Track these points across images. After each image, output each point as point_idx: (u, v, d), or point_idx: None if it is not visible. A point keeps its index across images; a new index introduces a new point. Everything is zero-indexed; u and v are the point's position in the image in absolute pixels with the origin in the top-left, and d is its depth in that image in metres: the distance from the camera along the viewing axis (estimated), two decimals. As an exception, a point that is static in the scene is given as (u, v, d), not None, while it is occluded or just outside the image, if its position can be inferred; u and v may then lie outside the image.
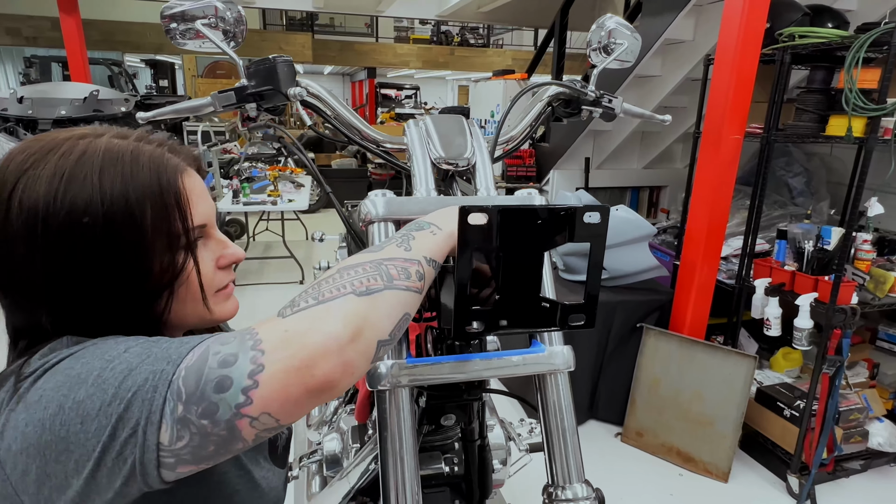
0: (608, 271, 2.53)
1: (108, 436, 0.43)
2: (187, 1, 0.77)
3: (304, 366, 0.42)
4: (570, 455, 0.66)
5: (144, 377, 0.44)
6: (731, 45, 2.08)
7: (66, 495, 0.45)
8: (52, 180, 0.50)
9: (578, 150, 3.91)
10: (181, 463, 0.44)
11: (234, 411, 0.42)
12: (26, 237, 0.50)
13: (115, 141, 0.54)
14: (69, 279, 0.51)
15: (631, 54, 0.96)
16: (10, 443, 0.46)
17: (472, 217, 0.46)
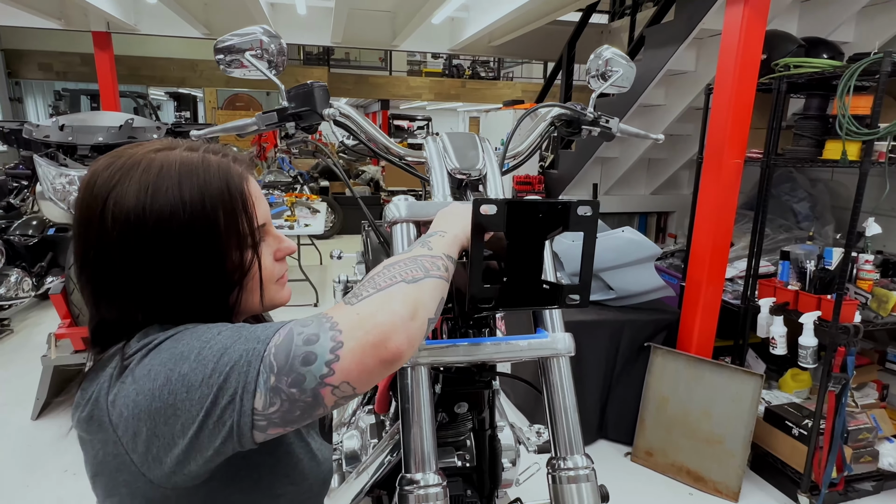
0: (615, 291, 2.60)
1: (210, 403, 0.51)
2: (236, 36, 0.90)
3: (378, 342, 0.50)
4: (571, 430, 0.74)
5: (239, 354, 0.52)
6: (729, 74, 2.20)
7: (172, 453, 0.53)
8: (138, 194, 0.58)
9: (586, 177, 4.02)
10: (272, 426, 0.52)
11: (318, 381, 0.50)
12: (121, 245, 0.58)
13: (186, 153, 0.62)
14: (160, 278, 0.59)
15: (626, 80, 1.07)
16: (122, 409, 0.54)
17: (483, 208, 0.56)
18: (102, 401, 0.56)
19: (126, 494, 0.58)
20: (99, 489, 0.61)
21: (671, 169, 3.97)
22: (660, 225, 4.49)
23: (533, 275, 0.60)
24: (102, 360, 0.60)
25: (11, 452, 2.52)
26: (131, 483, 0.57)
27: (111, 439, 0.56)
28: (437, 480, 0.67)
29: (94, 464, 0.60)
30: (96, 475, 0.60)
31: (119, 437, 0.55)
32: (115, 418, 0.55)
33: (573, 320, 2.51)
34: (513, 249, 0.59)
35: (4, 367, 3.37)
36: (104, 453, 0.58)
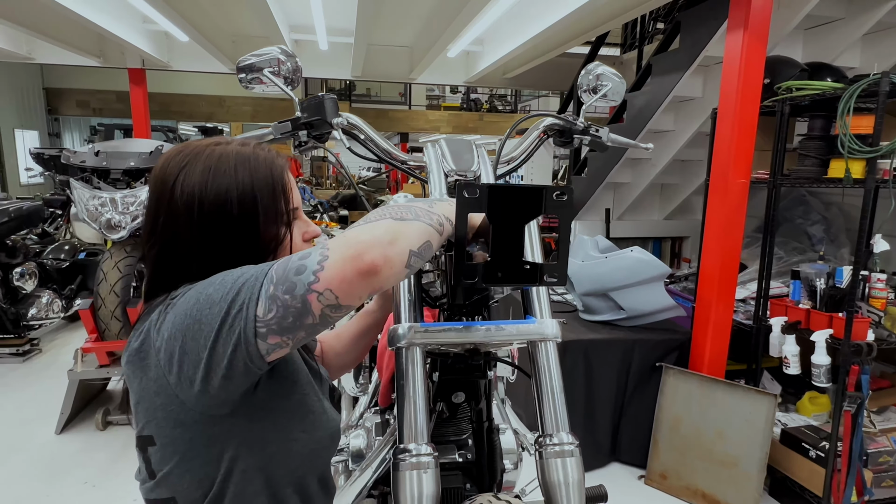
0: (625, 311, 2.62)
1: (224, 312, 0.61)
2: (255, 56, 1.00)
3: (356, 254, 0.59)
4: (558, 410, 0.78)
5: (251, 274, 0.63)
6: (732, 98, 2.26)
7: (198, 369, 0.62)
8: (203, 174, 0.71)
9: (599, 202, 4.07)
10: (270, 333, 0.60)
11: (306, 288, 0.59)
12: (186, 213, 0.70)
13: (239, 147, 0.75)
14: (213, 241, 0.71)
15: (617, 95, 1.14)
16: (164, 332, 0.65)
17: (466, 191, 0.62)
18: (152, 331, 0.67)
19: (162, 418, 0.67)
20: (140, 415, 0.70)
21: (683, 194, 4.01)
22: (674, 250, 4.49)
23: (515, 255, 0.66)
24: (152, 305, 0.71)
25: (35, 465, 2.60)
26: (167, 406, 0.66)
27: (153, 364, 0.66)
28: (429, 451, 0.72)
29: (139, 391, 0.69)
30: (138, 402, 0.69)
31: (160, 360, 0.65)
32: (159, 343, 0.65)
33: (584, 339, 2.53)
34: (496, 232, 0.65)
35: (32, 385, 3.49)
36: (146, 379, 0.67)
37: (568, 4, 3.01)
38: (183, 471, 0.70)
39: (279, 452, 0.73)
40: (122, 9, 3.97)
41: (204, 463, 0.70)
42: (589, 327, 2.67)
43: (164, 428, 0.68)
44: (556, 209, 0.64)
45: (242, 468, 0.71)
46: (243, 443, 0.70)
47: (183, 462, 0.69)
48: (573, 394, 2.53)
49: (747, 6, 2.15)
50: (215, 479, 0.70)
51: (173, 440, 0.69)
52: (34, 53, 4.83)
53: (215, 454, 0.69)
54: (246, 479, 0.71)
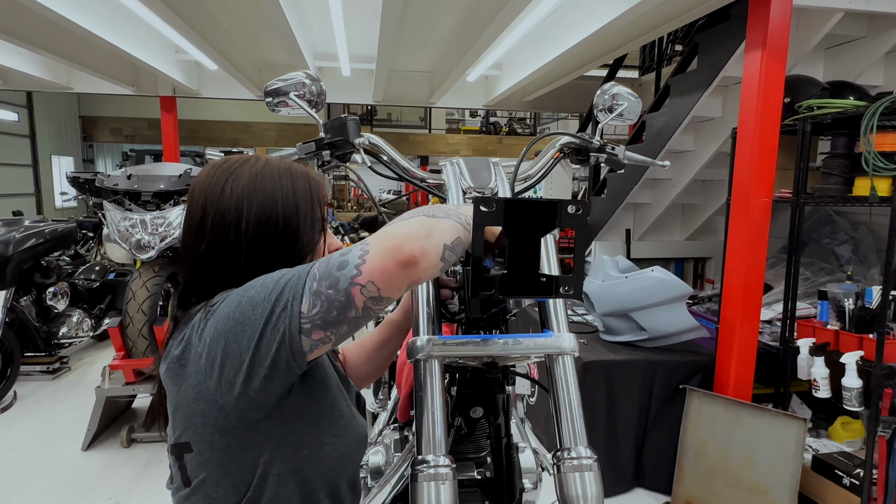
0: (647, 332, 2.58)
1: (268, 312, 0.63)
2: (282, 81, 1.05)
3: (395, 247, 0.61)
4: (576, 424, 0.78)
5: (293, 274, 0.65)
6: (752, 117, 2.26)
7: (240, 372, 0.64)
8: (251, 178, 0.77)
9: (619, 222, 4.06)
10: (315, 328, 0.63)
11: (349, 281, 0.61)
12: (235, 215, 0.75)
13: (280, 161, 0.82)
14: (258, 243, 0.75)
15: (633, 114, 1.15)
16: (206, 338, 0.67)
17: (483, 204, 0.64)
18: (194, 338, 0.69)
19: (200, 424, 0.69)
20: (178, 422, 0.72)
21: (705, 214, 3.97)
22: (697, 271, 4.43)
23: (531, 268, 0.67)
24: (189, 315, 0.74)
25: (62, 481, 2.65)
26: (206, 411, 0.68)
27: (193, 370, 0.68)
28: (447, 462, 0.72)
29: (177, 398, 0.71)
30: (177, 409, 0.71)
31: (201, 365, 0.67)
32: (200, 349, 0.68)
33: (605, 359, 2.50)
34: (512, 245, 0.67)
35: (60, 402, 3.57)
36: (186, 386, 0.69)
37: (585, 29, 3.06)
38: (220, 476, 0.71)
39: (311, 456, 0.74)
40: (155, 40, 4.17)
41: (240, 468, 0.71)
42: (610, 348, 2.64)
43: (202, 434, 0.70)
44: (571, 223, 0.66)
45: (277, 472, 0.72)
46: (277, 447, 0.72)
47: (220, 467, 0.71)
48: (594, 416, 2.49)
49: (765, 26, 2.17)
50: (251, 483, 0.72)
51: (211, 445, 0.70)
52: (73, 83, 5.07)
53: (251, 459, 0.71)
54: (280, 483, 0.73)
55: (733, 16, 2.66)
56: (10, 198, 9.77)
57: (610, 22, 2.71)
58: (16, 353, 3.53)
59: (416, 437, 0.74)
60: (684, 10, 2.74)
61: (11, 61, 4.34)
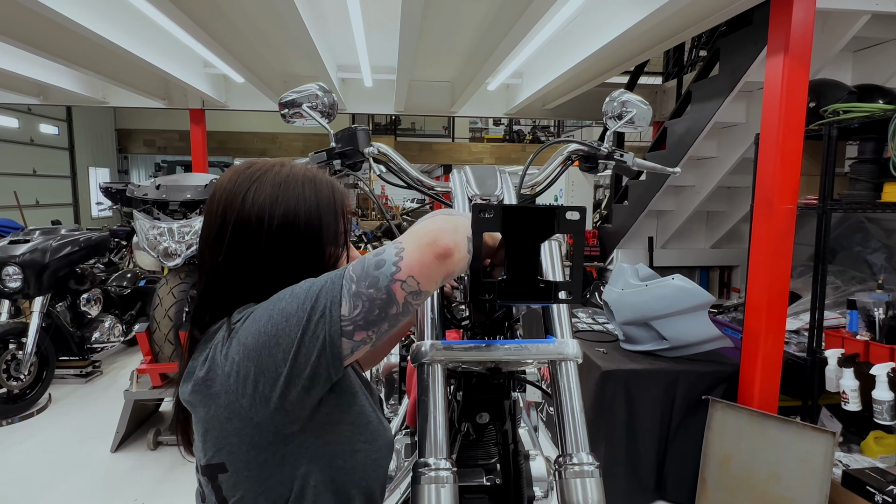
0: (668, 341, 2.54)
1: (305, 321, 0.63)
2: (296, 93, 1.08)
3: (431, 241, 0.64)
4: (578, 430, 0.77)
5: (324, 280, 0.66)
6: (775, 122, 2.21)
7: (276, 385, 0.63)
8: (274, 188, 0.74)
9: (641, 230, 4.01)
10: (357, 329, 0.63)
11: (389, 278, 0.63)
12: (256, 225, 0.73)
13: (304, 169, 0.80)
14: (279, 255, 0.73)
15: (642, 120, 1.15)
16: (234, 356, 0.66)
17: (482, 211, 0.66)
18: (218, 357, 0.68)
19: (235, 444, 0.69)
20: (210, 445, 0.70)
21: (731, 221, 3.89)
22: (723, 279, 4.34)
23: (530, 274, 0.68)
24: (209, 333, 0.73)
25: (91, 481, 2.73)
26: (240, 430, 0.68)
27: (222, 390, 0.67)
28: (448, 466, 0.73)
29: (206, 420, 0.69)
30: (207, 431, 0.70)
31: (231, 384, 0.66)
32: (228, 368, 0.66)
33: (625, 368, 2.46)
34: (511, 251, 0.68)
35: (91, 405, 3.69)
36: (216, 406, 0.68)
37: (604, 36, 3.05)
38: (257, 493, 0.71)
39: (345, 465, 0.74)
40: (185, 55, 4.31)
41: (277, 483, 0.71)
42: (630, 357, 2.60)
43: (238, 453, 0.69)
44: (569, 229, 0.66)
45: (314, 483, 0.72)
46: (313, 459, 0.72)
47: (257, 484, 0.70)
48: (614, 425, 2.45)
49: (787, 30, 2.13)
50: (288, 497, 0.71)
51: (247, 464, 0.69)
52: (108, 97, 5.28)
53: (288, 473, 0.71)
54: (317, 494, 0.72)
55: (755, 20, 2.63)
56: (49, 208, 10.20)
57: (629, 28, 2.70)
58: (51, 356, 3.67)
59: (419, 440, 0.75)
60: (705, 16, 2.72)
61: (51, 77, 4.55)
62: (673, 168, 1.16)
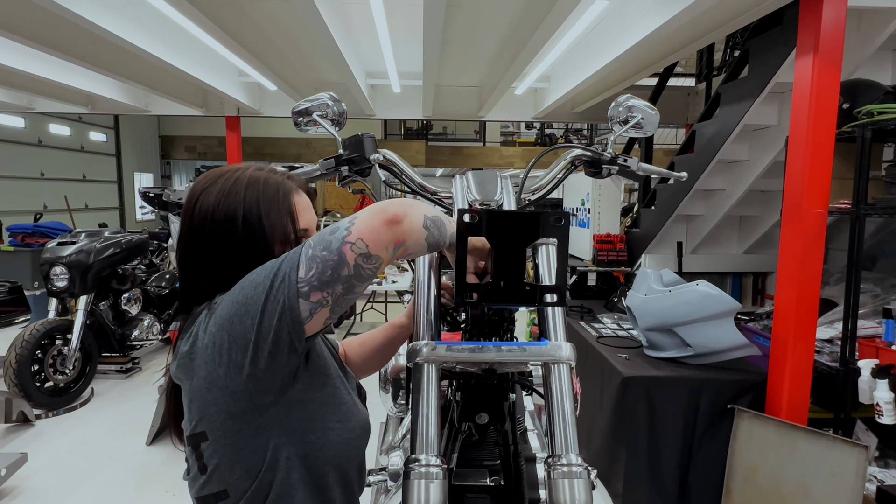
0: (692, 348, 2.49)
1: (268, 287, 0.69)
2: (308, 102, 1.13)
3: (381, 210, 0.70)
4: (568, 432, 0.78)
5: (290, 252, 0.71)
6: (804, 123, 2.15)
7: (247, 353, 0.69)
8: (218, 194, 0.81)
9: (670, 235, 3.93)
10: (312, 289, 0.68)
11: (341, 241, 0.68)
12: (200, 229, 0.80)
13: (256, 173, 0.85)
14: (225, 259, 0.79)
15: (650, 126, 1.15)
16: (211, 328, 0.72)
17: (466, 216, 0.68)
18: (200, 332, 0.74)
19: (214, 412, 0.74)
20: (193, 413, 0.76)
21: (764, 226, 3.77)
22: (757, 286, 4.20)
23: (515, 277, 0.70)
24: (193, 315, 0.79)
25: (127, 472, 2.87)
26: (218, 399, 0.73)
27: (203, 361, 0.72)
28: (438, 462, 0.75)
29: (191, 391, 0.75)
30: (192, 401, 0.76)
31: (209, 355, 0.72)
32: (207, 340, 0.72)
33: (646, 375, 2.43)
34: (497, 254, 0.70)
35: (130, 399, 3.86)
36: (197, 378, 0.74)
37: (630, 37, 3.02)
38: (233, 461, 0.76)
39: (317, 441, 0.79)
40: (221, 65, 4.48)
41: (251, 452, 0.76)
42: (652, 364, 2.56)
43: (216, 421, 0.75)
44: (553, 233, 0.68)
45: (286, 456, 0.77)
46: (285, 432, 0.76)
47: (233, 452, 0.75)
48: (635, 433, 2.42)
49: (816, 31, 2.07)
50: (262, 467, 0.76)
51: (224, 432, 0.75)
52: (150, 106, 5.53)
53: (262, 443, 0.76)
54: (290, 467, 0.77)
55: (785, 20, 2.56)
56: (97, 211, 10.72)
57: (656, 30, 2.67)
58: (94, 352, 3.87)
59: (411, 437, 0.78)
60: (733, 16, 2.66)
61: (98, 88, 4.80)
62: (679, 173, 1.15)
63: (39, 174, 9.80)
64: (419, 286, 0.88)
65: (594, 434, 2.79)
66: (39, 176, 9.80)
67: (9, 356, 3.31)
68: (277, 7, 3.24)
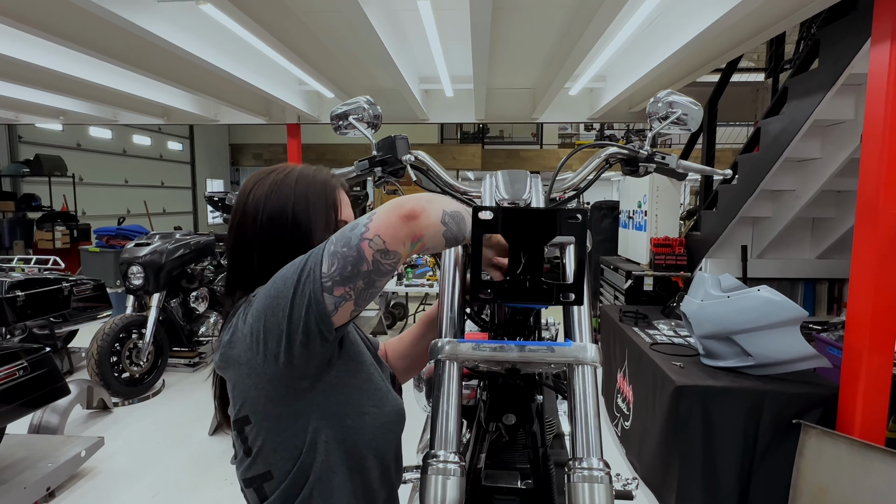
0: (753, 357, 2.34)
1: (296, 282, 0.73)
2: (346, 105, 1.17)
3: (398, 205, 0.72)
4: (591, 435, 0.76)
5: (316, 249, 0.75)
6: (880, 117, 1.99)
7: (281, 343, 0.73)
8: (270, 186, 0.87)
9: (733, 238, 3.73)
10: (335, 284, 0.71)
11: (359, 237, 0.71)
12: (253, 217, 0.85)
13: (306, 169, 0.91)
14: (272, 243, 0.85)
15: (694, 122, 1.10)
16: (249, 319, 0.77)
17: (481, 214, 0.68)
18: (239, 323, 0.79)
19: (254, 397, 0.79)
20: (237, 398, 0.81)
21: (840, 229, 3.49)
22: (832, 294, 3.90)
23: (532, 275, 0.69)
24: (237, 306, 0.84)
25: (190, 460, 3.05)
26: (258, 385, 0.77)
27: (243, 350, 0.77)
28: (456, 459, 0.75)
29: (234, 378, 0.80)
30: (235, 387, 0.81)
31: (248, 344, 0.76)
32: (246, 331, 0.77)
33: (701, 385, 2.31)
34: (513, 252, 0.69)
35: (196, 391, 4.11)
36: (238, 365, 0.78)
37: (688, 31, 2.90)
38: (276, 443, 0.80)
39: (354, 426, 0.82)
40: (282, 75, 4.70)
41: (292, 434, 0.80)
42: (709, 373, 2.44)
43: (257, 405, 0.79)
44: (571, 231, 0.67)
45: (325, 439, 0.80)
46: (323, 415, 0.80)
47: (275, 434, 0.80)
48: (689, 445, 2.31)
49: (894, 16, 1.91)
50: (302, 449, 0.80)
51: (266, 415, 0.79)
52: (219, 116, 5.88)
53: (301, 426, 0.80)
54: (329, 450, 0.81)
55: (860, 6, 2.37)
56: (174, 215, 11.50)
57: (715, 22, 2.56)
58: (165, 346, 4.14)
59: (431, 433, 0.79)
60: (801, 4, 2.50)
61: (173, 100, 5.16)
62: (724, 171, 1.09)
63: (124, 181, 10.63)
64: (444, 283, 0.88)
65: (646, 444, 2.68)
66: (124, 183, 10.63)
67: (91, 348, 3.61)
68: (333, 17, 3.37)
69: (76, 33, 3.13)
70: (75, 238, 8.03)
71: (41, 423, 2.98)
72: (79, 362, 4.46)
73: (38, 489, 2.49)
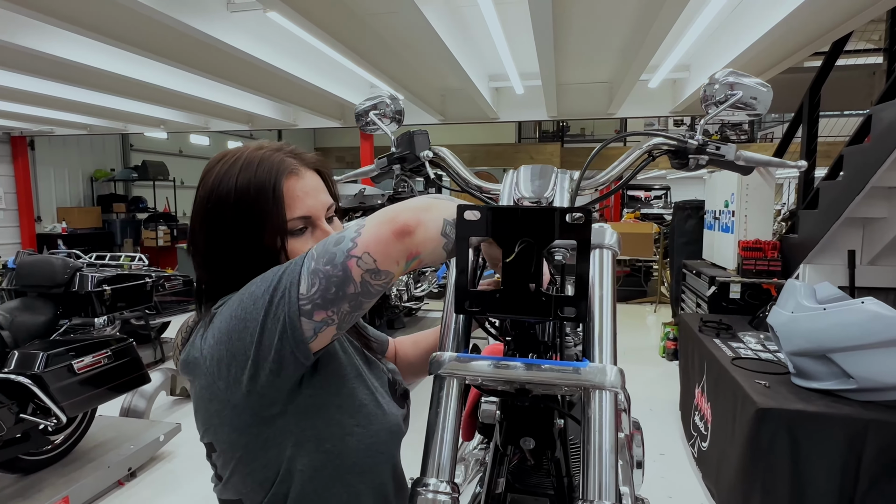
0: (854, 380, 2.03)
1: (267, 303, 0.62)
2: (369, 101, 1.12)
3: (391, 218, 0.61)
4: (604, 473, 0.64)
5: (291, 262, 0.64)
6: None
7: (246, 370, 0.63)
8: (217, 175, 0.73)
9: (838, 241, 3.29)
10: (316, 308, 0.60)
11: (346, 254, 0.59)
12: (201, 208, 0.74)
13: (254, 153, 0.75)
14: (221, 246, 0.73)
15: (762, 105, 0.93)
16: (210, 339, 0.66)
17: (467, 214, 0.59)
18: (198, 342, 0.69)
19: (217, 424, 0.69)
20: (199, 423, 0.72)
21: (975, 232, 2.97)
22: (966, 308, 3.32)
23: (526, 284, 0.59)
24: (201, 320, 0.73)
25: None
26: (220, 412, 0.68)
27: (203, 372, 0.67)
28: (448, 490, 0.67)
29: (196, 400, 0.71)
30: (196, 411, 0.72)
31: (208, 366, 0.66)
32: (206, 352, 0.67)
33: (789, 408, 2.04)
34: (507, 258, 0.60)
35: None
36: (199, 387, 0.69)
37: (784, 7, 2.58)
38: (244, 475, 0.71)
39: (335, 449, 0.72)
40: (355, 80, 4.82)
41: (262, 466, 0.71)
42: (800, 395, 2.14)
43: (221, 434, 0.70)
44: (571, 233, 0.56)
45: (300, 468, 0.71)
46: (298, 442, 0.70)
47: (242, 466, 0.71)
48: (773, 475, 2.04)
49: None
50: (274, 480, 0.71)
51: (231, 445, 0.70)
52: (298, 121, 6.16)
53: (273, 456, 0.70)
54: (306, 479, 0.71)
55: None
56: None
57: None
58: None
59: (423, 456, 0.71)
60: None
61: (256, 108, 5.48)
62: (797, 162, 0.91)
63: (219, 185, 11.47)
64: (450, 289, 0.80)
65: (724, 469, 2.42)
66: (219, 186, 11.47)
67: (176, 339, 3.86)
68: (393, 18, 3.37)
69: (169, 50, 3.40)
70: (175, 237, 8.78)
71: (130, 407, 3.23)
72: (169, 352, 4.83)
73: (121, 469, 2.70)
